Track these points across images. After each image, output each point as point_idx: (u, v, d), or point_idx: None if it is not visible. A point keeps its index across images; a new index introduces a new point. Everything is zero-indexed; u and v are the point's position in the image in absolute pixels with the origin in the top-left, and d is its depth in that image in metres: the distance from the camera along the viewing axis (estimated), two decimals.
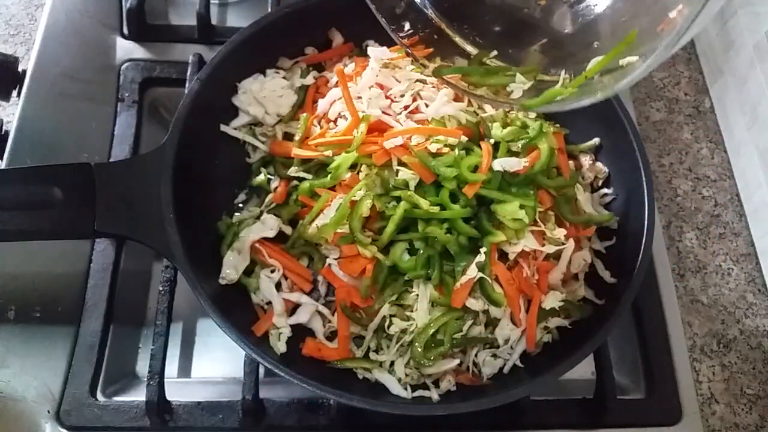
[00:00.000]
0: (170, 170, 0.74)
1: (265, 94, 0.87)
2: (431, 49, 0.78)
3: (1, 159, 0.89)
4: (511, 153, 0.79)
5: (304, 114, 0.86)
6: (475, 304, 0.74)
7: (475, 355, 0.76)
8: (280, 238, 0.82)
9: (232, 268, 0.78)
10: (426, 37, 0.77)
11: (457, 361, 0.74)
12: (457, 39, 0.78)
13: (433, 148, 0.76)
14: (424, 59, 0.77)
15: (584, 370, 0.82)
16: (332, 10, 0.90)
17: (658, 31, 0.59)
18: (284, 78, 0.90)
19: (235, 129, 0.88)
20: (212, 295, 0.71)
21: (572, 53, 0.72)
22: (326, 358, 0.75)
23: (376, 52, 0.86)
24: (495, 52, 0.76)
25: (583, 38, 0.72)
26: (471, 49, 0.78)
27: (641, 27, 0.63)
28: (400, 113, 0.82)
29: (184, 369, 0.84)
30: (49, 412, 0.76)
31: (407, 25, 0.76)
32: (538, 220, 0.78)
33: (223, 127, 0.87)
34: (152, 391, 0.74)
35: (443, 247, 0.75)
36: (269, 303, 0.78)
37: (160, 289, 0.79)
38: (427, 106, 0.82)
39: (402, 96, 0.83)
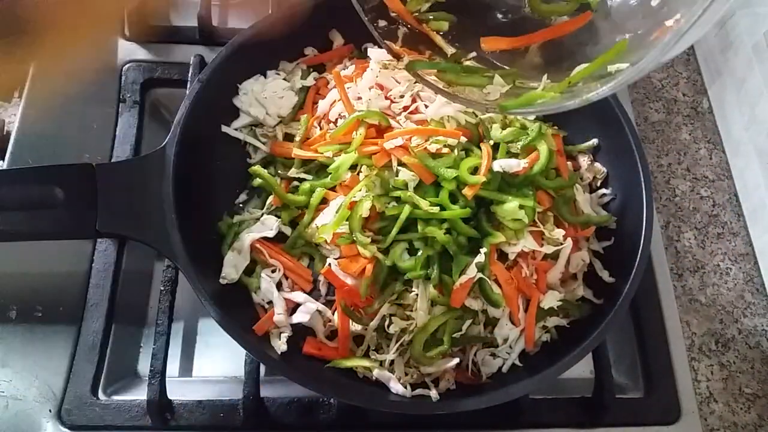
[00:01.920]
0: (171, 171, 0.75)
1: (266, 95, 0.88)
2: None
3: (3, 159, 0.90)
4: (510, 154, 0.79)
5: (305, 115, 0.87)
6: (474, 303, 0.75)
7: (474, 354, 0.76)
8: (281, 238, 0.82)
9: (232, 267, 0.78)
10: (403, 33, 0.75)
11: (456, 360, 0.74)
12: (434, 37, 0.75)
13: (433, 148, 0.76)
14: (399, 50, 0.75)
15: (583, 369, 0.82)
16: (333, 11, 0.91)
17: (651, 39, 0.57)
18: (285, 79, 0.90)
19: (236, 130, 0.88)
20: (213, 295, 0.71)
21: (553, 61, 0.69)
22: (326, 357, 0.76)
23: (375, 53, 0.86)
24: (473, 54, 0.74)
25: (566, 45, 0.69)
26: (445, 46, 0.75)
27: (634, 34, 0.61)
28: (400, 114, 0.83)
29: (186, 368, 0.85)
30: (50, 411, 0.76)
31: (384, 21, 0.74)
32: (537, 221, 0.79)
33: (224, 128, 0.87)
34: (153, 390, 0.74)
35: (443, 248, 0.75)
36: (270, 302, 0.79)
37: (162, 288, 0.80)
38: (426, 106, 0.83)
39: (402, 97, 0.84)
